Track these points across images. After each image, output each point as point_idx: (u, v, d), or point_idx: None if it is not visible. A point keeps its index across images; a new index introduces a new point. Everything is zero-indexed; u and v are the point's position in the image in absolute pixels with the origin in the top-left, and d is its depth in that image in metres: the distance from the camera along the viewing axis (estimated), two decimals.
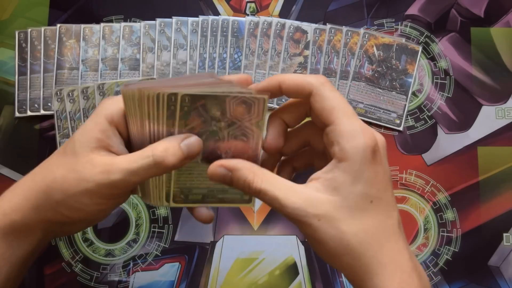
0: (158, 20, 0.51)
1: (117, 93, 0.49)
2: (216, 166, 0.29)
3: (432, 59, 0.50)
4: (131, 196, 0.48)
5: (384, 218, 0.29)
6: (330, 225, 0.28)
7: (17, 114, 0.49)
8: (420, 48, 0.50)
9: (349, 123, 0.28)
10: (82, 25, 0.51)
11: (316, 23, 0.50)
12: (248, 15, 0.51)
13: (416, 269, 0.29)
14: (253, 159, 0.30)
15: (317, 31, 0.50)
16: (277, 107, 0.49)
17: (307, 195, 0.29)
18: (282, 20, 0.50)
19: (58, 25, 0.50)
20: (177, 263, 0.47)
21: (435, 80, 0.50)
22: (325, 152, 0.31)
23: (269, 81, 0.31)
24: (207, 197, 0.31)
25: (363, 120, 0.49)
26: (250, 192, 0.29)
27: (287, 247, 0.47)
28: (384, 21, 0.51)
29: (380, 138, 0.30)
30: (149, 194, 0.30)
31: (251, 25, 0.50)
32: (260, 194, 0.29)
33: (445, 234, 0.47)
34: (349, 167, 0.28)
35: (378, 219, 0.29)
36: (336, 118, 0.29)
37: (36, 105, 0.50)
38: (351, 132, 0.28)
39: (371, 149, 0.28)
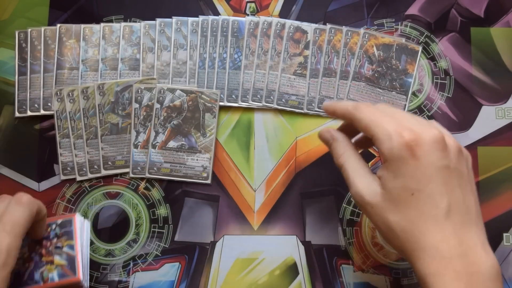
0: (158, 20, 0.51)
1: (116, 93, 0.49)
2: (326, 131, 0.40)
3: (432, 59, 0.50)
4: (131, 196, 0.48)
5: (427, 208, 0.32)
6: (379, 213, 0.34)
7: (17, 114, 0.49)
8: (420, 48, 0.50)
9: (381, 131, 0.34)
10: (82, 25, 0.51)
11: (316, 23, 0.50)
12: (248, 15, 0.51)
13: (465, 256, 0.31)
14: None
15: (317, 31, 0.50)
16: (278, 107, 0.49)
17: (368, 184, 0.35)
18: (282, 20, 0.50)
19: (58, 25, 0.51)
20: (177, 263, 0.47)
21: (435, 80, 0.50)
22: None
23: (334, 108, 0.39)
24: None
25: None
26: (336, 162, 0.38)
27: (287, 247, 0.47)
28: (384, 21, 0.51)
29: (428, 134, 0.33)
30: None
31: (251, 25, 0.50)
32: (341, 168, 0.37)
33: None
34: (389, 166, 0.33)
35: (420, 209, 0.32)
36: (372, 132, 0.34)
37: (36, 105, 0.50)
38: (384, 137, 0.33)
39: (406, 147, 0.32)
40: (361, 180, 0.35)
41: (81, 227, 0.46)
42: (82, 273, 0.43)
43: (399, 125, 0.33)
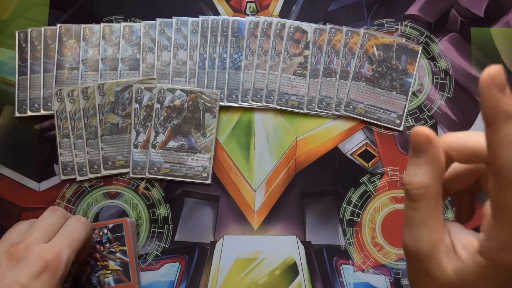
0: (158, 20, 0.51)
1: (116, 93, 0.49)
2: (423, 129, 0.25)
3: (432, 59, 0.50)
4: (131, 196, 0.48)
5: None
6: None
7: (17, 114, 0.49)
8: (420, 48, 0.50)
9: None
10: (82, 25, 0.51)
11: (316, 23, 0.50)
12: (248, 15, 0.51)
13: None
14: None
15: (317, 31, 0.50)
16: (278, 107, 0.49)
17: (466, 242, 0.25)
18: (282, 20, 0.50)
19: (58, 25, 0.50)
20: (177, 263, 0.47)
21: (435, 80, 0.50)
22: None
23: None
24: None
25: (363, 121, 0.49)
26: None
27: (287, 247, 0.47)
28: (384, 21, 0.51)
29: None
30: None
31: (251, 25, 0.50)
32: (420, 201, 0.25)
33: None
34: None
35: None
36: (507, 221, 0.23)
37: (36, 105, 0.50)
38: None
39: None
40: (466, 248, 0.24)
41: (131, 231, 0.46)
42: (136, 277, 0.45)
43: None
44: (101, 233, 0.45)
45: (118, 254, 0.45)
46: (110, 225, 0.46)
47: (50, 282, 0.36)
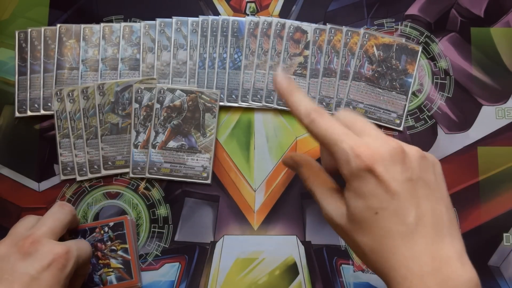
0: (158, 20, 0.51)
1: (116, 93, 0.49)
2: (288, 158, 0.39)
3: (432, 59, 0.50)
4: (131, 196, 0.48)
5: (393, 225, 0.30)
6: (347, 235, 0.32)
7: (17, 114, 0.49)
8: (420, 48, 0.50)
9: (338, 150, 0.31)
10: (82, 25, 0.51)
11: (316, 23, 0.50)
12: (248, 15, 0.51)
13: (438, 271, 0.29)
14: None
15: (317, 31, 0.50)
16: (278, 107, 0.49)
17: (336, 206, 0.33)
18: (282, 20, 0.50)
19: (58, 25, 0.50)
20: (177, 263, 0.47)
21: (435, 80, 0.50)
22: None
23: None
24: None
25: None
26: (305, 187, 0.36)
27: (287, 247, 0.47)
28: (384, 21, 0.51)
29: (385, 148, 0.31)
30: None
31: (251, 25, 0.50)
32: (310, 192, 0.36)
33: None
34: (350, 187, 0.32)
35: (386, 228, 0.30)
36: (330, 149, 0.32)
37: (36, 105, 0.50)
38: (342, 158, 0.31)
39: (364, 167, 0.30)
40: (329, 202, 0.34)
41: (132, 229, 0.46)
42: (138, 275, 0.45)
43: (356, 142, 0.31)
44: (102, 232, 0.45)
45: (119, 252, 0.45)
46: (111, 223, 0.46)
47: (59, 274, 0.37)
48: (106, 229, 0.45)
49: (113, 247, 0.45)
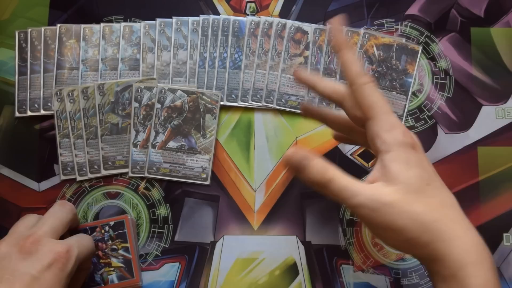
0: (158, 20, 0.51)
1: (116, 93, 0.49)
2: (294, 152, 0.33)
3: (432, 59, 0.50)
4: (131, 196, 0.48)
5: (445, 196, 0.32)
6: (403, 210, 0.30)
7: (17, 114, 0.49)
8: (420, 48, 0.50)
9: (386, 118, 0.32)
10: (82, 25, 0.51)
11: (316, 23, 0.50)
12: (248, 15, 0.51)
13: (481, 242, 0.31)
14: None
15: (317, 31, 0.50)
16: (278, 107, 0.49)
17: (375, 187, 0.32)
18: (283, 20, 0.50)
19: (58, 25, 0.50)
20: (177, 263, 0.47)
21: (435, 80, 0.50)
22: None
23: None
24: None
25: None
26: (319, 181, 0.32)
27: (287, 247, 0.47)
28: (384, 21, 0.51)
29: (416, 136, 0.34)
30: None
31: (252, 25, 0.50)
32: (330, 183, 0.32)
33: None
34: (397, 156, 0.31)
35: (441, 197, 0.32)
36: (375, 115, 0.32)
37: (36, 105, 0.50)
38: (389, 125, 0.32)
39: (411, 144, 0.32)
40: (364, 185, 0.32)
41: (132, 228, 0.46)
42: (139, 274, 0.45)
43: (399, 121, 0.33)
44: (102, 231, 0.45)
45: (120, 251, 0.45)
46: (112, 223, 0.46)
47: (60, 274, 0.37)
48: (107, 228, 0.45)
49: (114, 246, 0.45)
